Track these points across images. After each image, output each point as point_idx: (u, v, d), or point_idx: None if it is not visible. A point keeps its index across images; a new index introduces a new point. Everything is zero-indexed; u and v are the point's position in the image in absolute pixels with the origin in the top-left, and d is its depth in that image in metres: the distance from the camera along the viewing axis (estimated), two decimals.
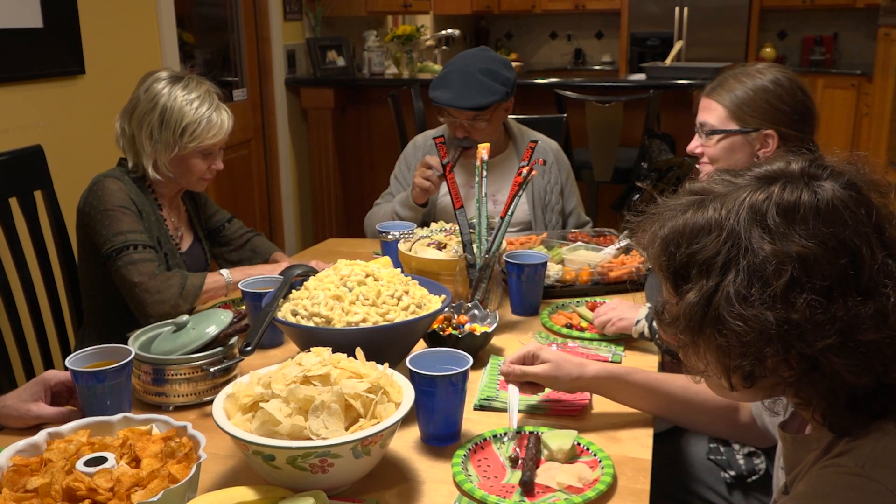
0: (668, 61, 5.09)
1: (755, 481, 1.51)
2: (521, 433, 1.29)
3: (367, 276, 1.48)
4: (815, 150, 1.35)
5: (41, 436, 1.10)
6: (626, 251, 2.07)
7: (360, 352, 1.22)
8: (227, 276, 1.89)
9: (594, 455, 1.23)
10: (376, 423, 1.09)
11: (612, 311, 1.68)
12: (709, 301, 0.87)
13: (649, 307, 1.65)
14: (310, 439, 1.06)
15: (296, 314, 1.42)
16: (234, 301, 1.93)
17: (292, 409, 1.09)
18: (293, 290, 1.52)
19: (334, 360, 1.18)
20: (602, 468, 1.19)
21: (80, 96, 2.92)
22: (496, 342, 1.67)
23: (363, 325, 1.38)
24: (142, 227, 1.87)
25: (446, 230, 1.98)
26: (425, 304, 1.47)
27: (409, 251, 1.88)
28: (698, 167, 1.82)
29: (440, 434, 1.28)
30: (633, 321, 1.64)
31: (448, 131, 2.41)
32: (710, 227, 0.89)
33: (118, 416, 1.16)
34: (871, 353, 0.84)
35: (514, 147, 2.46)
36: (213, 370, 1.40)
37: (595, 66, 7.44)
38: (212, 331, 1.43)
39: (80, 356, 1.33)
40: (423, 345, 1.57)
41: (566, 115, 3.43)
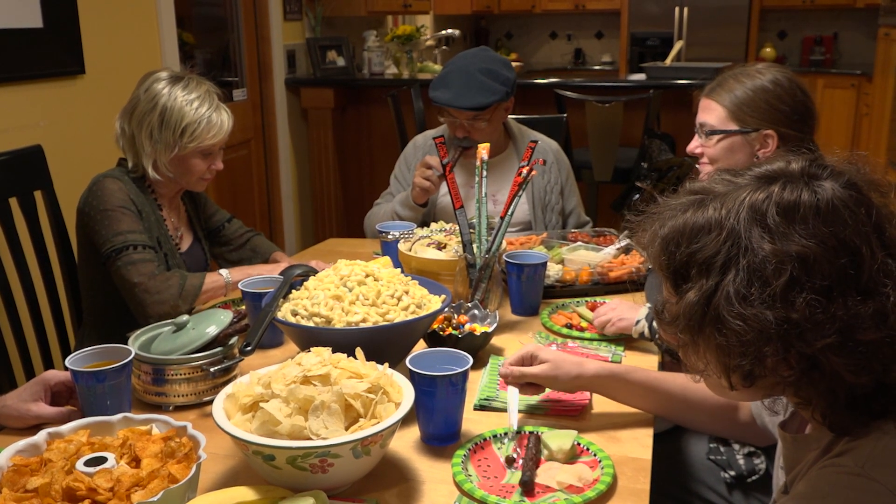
0: (668, 61, 5.09)
1: (755, 481, 1.51)
2: (521, 433, 1.29)
3: (367, 276, 1.48)
4: (815, 150, 1.35)
5: (41, 436, 1.10)
6: (626, 251, 2.07)
7: (360, 352, 1.22)
8: (227, 275, 1.89)
9: (594, 455, 1.23)
10: (376, 423, 1.09)
11: (611, 312, 1.68)
12: (709, 300, 0.87)
13: (649, 307, 1.65)
14: (310, 439, 1.06)
15: (296, 314, 1.42)
16: (234, 301, 1.93)
17: (292, 409, 1.09)
18: (293, 290, 1.52)
19: (334, 360, 1.18)
20: (602, 468, 1.19)
21: (80, 96, 2.92)
22: (496, 342, 1.67)
23: (363, 325, 1.38)
24: (141, 227, 1.87)
25: (446, 230, 1.98)
26: (425, 304, 1.47)
27: (409, 251, 1.88)
28: (698, 167, 1.82)
29: (440, 434, 1.28)
30: (632, 321, 1.64)
31: (448, 131, 2.41)
32: (710, 226, 0.89)
33: (118, 416, 1.16)
34: (871, 353, 0.84)
35: (514, 147, 2.46)
36: (213, 370, 1.40)
37: (595, 66, 7.44)
38: (212, 331, 1.43)
39: (80, 356, 1.33)
40: (423, 345, 1.57)
41: (566, 115, 3.43)
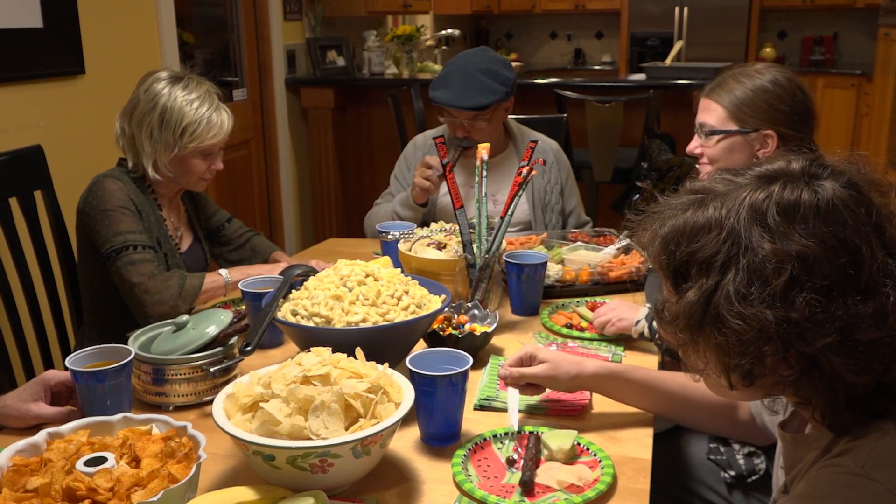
0: (668, 61, 5.09)
1: (755, 481, 1.51)
2: (521, 433, 1.29)
3: (367, 276, 1.48)
4: (815, 150, 1.35)
5: (41, 436, 1.10)
6: (626, 251, 2.07)
7: (360, 352, 1.21)
8: (226, 275, 1.89)
9: (594, 455, 1.23)
10: (376, 423, 1.09)
11: (611, 312, 1.68)
12: (708, 300, 0.87)
13: (649, 307, 1.65)
14: (310, 439, 1.06)
15: (296, 314, 1.42)
16: (233, 301, 1.93)
17: (292, 409, 1.09)
18: (293, 290, 1.52)
19: (334, 360, 1.18)
20: (602, 468, 1.19)
21: (80, 96, 2.92)
22: (496, 342, 1.67)
23: (363, 325, 1.38)
24: (141, 227, 1.87)
25: (446, 230, 1.98)
26: (425, 304, 1.47)
27: (409, 251, 1.88)
28: (698, 167, 1.82)
29: (440, 434, 1.28)
30: (632, 321, 1.64)
31: (448, 131, 2.41)
32: (711, 225, 0.89)
33: (118, 416, 1.16)
34: (871, 353, 0.84)
35: (514, 147, 2.46)
36: (213, 370, 1.40)
37: (595, 66, 7.44)
38: (212, 331, 1.43)
39: (80, 356, 1.33)
40: (423, 345, 1.57)
41: (566, 115, 3.43)
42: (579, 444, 1.26)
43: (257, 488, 1.06)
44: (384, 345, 1.38)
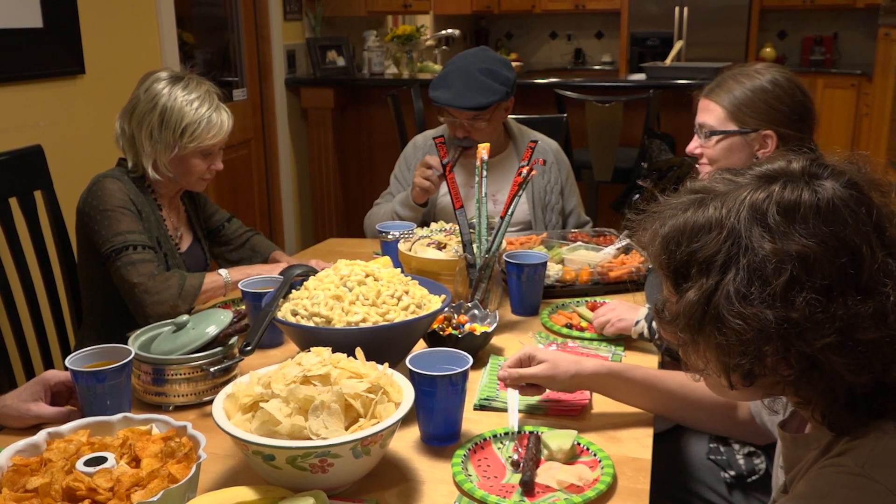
0: (668, 61, 5.09)
1: (755, 481, 1.51)
2: (521, 433, 1.29)
3: (367, 276, 1.48)
4: (815, 150, 1.35)
5: (41, 436, 1.10)
6: (626, 251, 2.07)
7: (360, 352, 1.21)
8: (226, 275, 1.89)
9: (594, 455, 1.23)
10: (376, 423, 1.09)
11: (611, 312, 1.68)
12: (709, 299, 0.87)
13: (648, 308, 1.65)
14: (310, 439, 1.06)
15: (296, 314, 1.42)
16: (233, 301, 1.93)
17: (292, 409, 1.09)
18: (293, 290, 1.52)
19: (334, 360, 1.18)
20: (602, 468, 1.19)
21: (80, 96, 2.92)
22: (496, 342, 1.67)
23: (363, 325, 1.38)
24: (141, 227, 1.87)
25: (446, 230, 1.98)
26: (425, 304, 1.47)
27: (409, 251, 1.88)
28: (698, 167, 1.82)
29: (440, 434, 1.28)
30: (632, 322, 1.64)
31: (448, 131, 2.41)
32: (711, 225, 0.89)
33: (118, 416, 1.16)
34: (871, 352, 0.84)
35: (514, 147, 2.46)
36: (213, 370, 1.40)
37: (595, 66, 7.44)
38: (212, 331, 1.43)
39: (80, 356, 1.33)
40: (423, 345, 1.57)
41: (566, 115, 3.43)
42: (579, 444, 1.26)
43: (257, 488, 1.06)
44: (384, 345, 1.38)
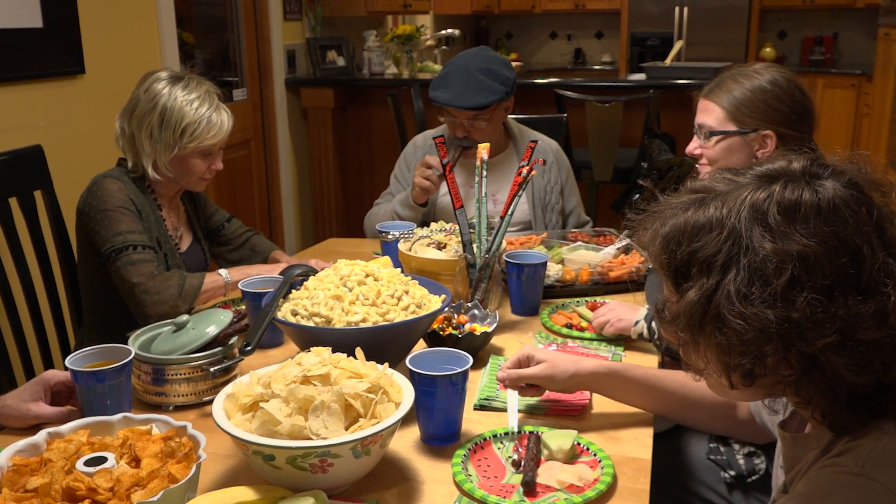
0: (668, 61, 5.09)
1: (755, 481, 1.51)
2: (521, 433, 1.29)
3: (367, 276, 1.48)
4: (815, 150, 1.35)
5: (41, 436, 1.10)
6: (626, 251, 2.07)
7: (360, 352, 1.21)
8: (226, 275, 1.89)
9: (594, 455, 1.23)
10: (376, 423, 1.09)
11: (610, 312, 1.68)
12: (709, 299, 0.87)
13: (647, 308, 1.65)
14: (310, 439, 1.06)
15: (296, 314, 1.42)
16: (233, 301, 1.93)
17: (292, 409, 1.09)
18: (293, 290, 1.52)
19: (334, 360, 1.18)
20: (602, 468, 1.19)
21: (80, 96, 2.92)
22: (496, 342, 1.67)
23: (363, 325, 1.38)
24: (141, 227, 1.87)
25: (446, 230, 1.98)
26: (425, 304, 1.47)
27: (409, 251, 1.88)
28: (698, 167, 1.82)
29: (440, 434, 1.28)
30: (631, 322, 1.63)
31: (448, 131, 2.41)
32: (711, 225, 0.89)
33: (118, 416, 1.16)
34: (872, 352, 0.84)
35: (514, 147, 2.46)
36: (213, 370, 1.40)
37: (595, 66, 7.44)
38: (212, 331, 1.43)
39: (80, 356, 1.33)
40: (423, 345, 1.57)
41: (566, 115, 3.43)
42: (579, 444, 1.26)
43: (257, 488, 1.06)
44: (384, 345, 1.38)
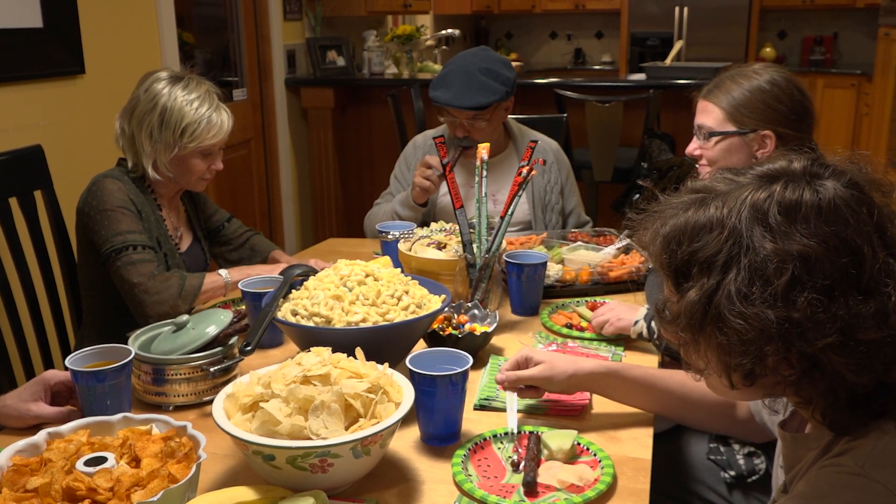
0: (668, 61, 5.09)
1: (755, 481, 1.51)
2: (521, 433, 1.29)
3: (367, 276, 1.48)
4: (815, 150, 1.35)
5: (41, 436, 1.10)
6: (626, 251, 2.07)
7: (360, 352, 1.21)
8: (226, 275, 1.89)
9: (594, 455, 1.23)
10: (376, 423, 1.09)
11: (609, 312, 1.68)
12: (710, 299, 0.87)
13: (647, 308, 1.65)
14: (310, 439, 1.06)
15: (296, 314, 1.42)
16: (233, 301, 1.93)
17: (292, 408, 1.09)
18: (293, 290, 1.52)
19: (334, 360, 1.18)
20: (602, 468, 1.19)
21: (80, 96, 2.92)
22: (496, 342, 1.67)
23: (363, 325, 1.38)
24: (141, 227, 1.87)
25: (446, 230, 1.98)
26: (425, 304, 1.47)
27: (409, 251, 1.88)
28: (698, 167, 1.82)
29: (440, 434, 1.28)
30: (631, 321, 1.63)
31: (448, 131, 2.41)
32: (712, 225, 0.89)
33: (118, 416, 1.16)
34: (872, 352, 0.84)
35: (514, 147, 2.46)
36: (213, 370, 1.40)
37: (595, 66, 7.45)
38: (212, 331, 1.43)
39: (80, 356, 1.33)
40: (423, 345, 1.57)
41: (566, 115, 3.43)
42: (579, 444, 1.26)
43: (257, 488, 1.06)
44: (384, 345, 1.38)
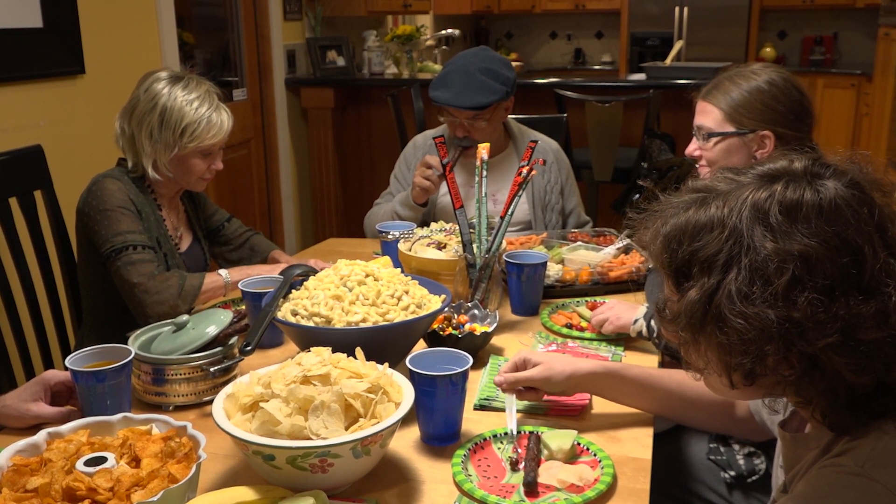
0: (668, 61, 5.09)
1: (755, 481, 1.51)
2: (521, 433, 1.29)
3: (367, 276, 1.48)
4: (815, 149, 1.35)
5: (41, 436, 1.10)
6: (626, 251, 2.07)
7: (360, 352, 1.21)
8: (226, 275, 1.89)
9: (594, 455, 1.23)
10: (376, 423, 1.09)
11: (609, 311, 1.68)
12: (710, 299, 0.87)
13: (647, 306, 1.65)
14: (310, 439, 1.06)
15: (296, 314, 1.42)
16: (233, 301, 1.93)
17: (292, 408, 1.09)
18: (293, 290, 1.52)
19: (334, 360, 1.18)
20: (602, 468, 1.19)
21: (80, 96, 2.92)
22: (496, 342, 1.67)
23: (363, 325, 1.38)
24: (141, 227, 1.87)
25: (446, 230, 1.98)
26: (425, 304, 1.47)
27: (409, 251, 1.88)
28: (698, 168, 1.82)
29: (440, 434, 1.28)
30: (630, 320, 1.63)
31: (448, 131, 2.41)
32: (713, 224, 0.89)
33: (118, 416, 1.16)
34: (872, 352, 0.84)
35: (514, 147, 2.46)
36: (213, 370, 1.40)
37: (595, 66, 7.45)
38: (212, 331, 1.43)
39: (80, 356, 1.33)
40: (423, 345, 1.57)
41: (566, 115, 3.43)
42: (579, 444, 1.26)
43: (257, 488, 1.06)
44: (384, 345, 1.38)
